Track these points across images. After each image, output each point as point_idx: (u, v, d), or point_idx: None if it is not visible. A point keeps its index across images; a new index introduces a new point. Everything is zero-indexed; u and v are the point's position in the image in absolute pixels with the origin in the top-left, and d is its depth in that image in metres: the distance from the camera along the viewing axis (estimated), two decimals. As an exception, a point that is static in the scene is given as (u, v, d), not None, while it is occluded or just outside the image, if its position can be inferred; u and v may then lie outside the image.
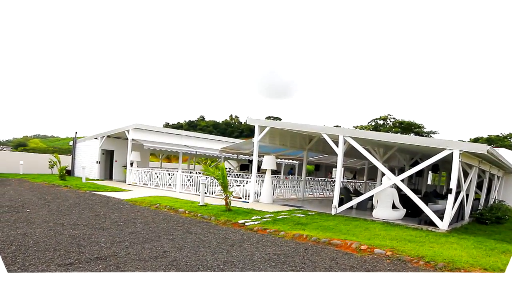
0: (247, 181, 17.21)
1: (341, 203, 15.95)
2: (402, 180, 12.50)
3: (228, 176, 15.85)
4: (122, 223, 10.05)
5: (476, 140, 55.34)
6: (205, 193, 15.80)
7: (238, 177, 19.53)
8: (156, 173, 21.30)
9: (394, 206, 12.71)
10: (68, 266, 6.03)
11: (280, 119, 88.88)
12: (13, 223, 9.13)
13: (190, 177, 19.16)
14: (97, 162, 25.26)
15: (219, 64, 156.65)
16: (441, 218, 11.43)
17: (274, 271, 6.68)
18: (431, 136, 51.22)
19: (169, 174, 20.69)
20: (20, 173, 25.49)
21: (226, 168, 15.49)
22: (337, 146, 13.92)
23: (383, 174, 31.05)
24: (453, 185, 11.30)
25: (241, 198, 16.08)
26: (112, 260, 6.53)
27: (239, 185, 16.59)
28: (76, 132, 27.72)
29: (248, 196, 16.16)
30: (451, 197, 11.29)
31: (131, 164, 22.89)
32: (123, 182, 23.07)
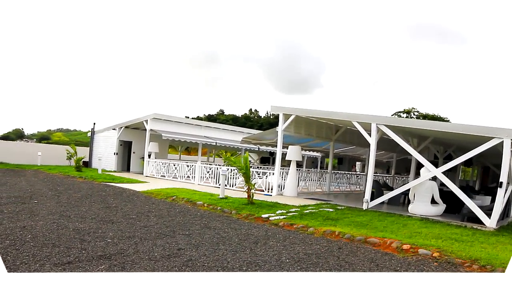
0: (270, 173, 16.19)
1: (371, 197, 14.81)
2: (444, 173, 11.25)
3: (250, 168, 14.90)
4: (134, 216, 9.17)
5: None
6: (225, 185, 14.88)
7: (259, 169, 18.55)
8: (174, 165, 20.50)
9: (433, 201, 11.47)
10: (66, 265, 5.14)
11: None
12: (15, 215, 8.35)
13: (210, 169, 18.26)
14: (114, 153, 24.68)
15: (237, 58, 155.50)
16: (488, 215, 10.16)
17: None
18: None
19: (187, 166, 19.86)
20: (38, 164, 25.15)
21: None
22: (370, 136, 12.74)
23: (417, 167, 29.56)
24: (503, 178, 10.02)
25: (263, 191, 15.07)
26: (117, 259, 5.61)
27: (261, 178, 15.59)
28: (94, 123, 27.23)
29: (271, 189, 15.15)
30: (501, 192, 10.00)
31: (149, 156, 22.17)
32: (141, 174, 22.38)
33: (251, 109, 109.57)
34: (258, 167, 22.65)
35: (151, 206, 10.87)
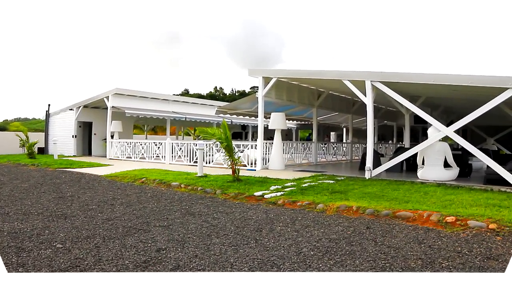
0: (250, 146, 14.37)
1: (362, 165, 13.31)
2: (455, 133, 9.79)
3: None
4: (94, 207, 7.15)
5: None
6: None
7: (239, 141, 16.69)
8: (141, 144, 18.29)
9: (445, 165, 10.04)
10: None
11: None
12: None
13: (182, 146, 16.22)
14: (73, 136, 22.03)
15: (199, 37, 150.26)
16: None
17: (345, 271, 3.96)
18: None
19: (155, 145, 17.72)
20: (-15, 154, 22.17)
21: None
22: (365, 95, 11.12)
23: (399, 133, 28.48)
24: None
25: (246, 166, 13.27)
26: (70, 276, 3.68)
27: (242, 151, 13.75)
28: (49, 105, 24.19)
29: (253, 163, 13.36)
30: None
31: (112, 136, 19.80)
32: (104, 157, 20.02)
33: (216, 87, 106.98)
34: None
35: (116, 192, 8.84)
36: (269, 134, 17.16)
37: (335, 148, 19.14)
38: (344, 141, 30.87)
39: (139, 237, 5.06)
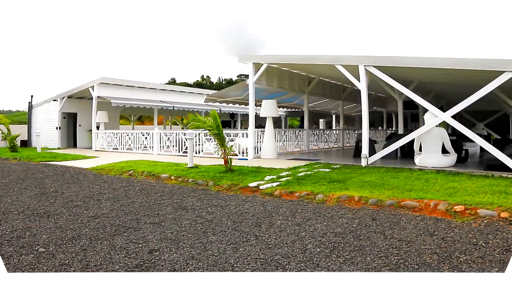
0: (240, 135, 13.97)
1: (357, 153, 13.03)
2: (453, 118, 9.52)
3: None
4: (80, 203, 6.69)
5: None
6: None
7: (229, 130, 16.24)
8: (127, 135, 17.73)
9: (443, 151, 9.79)
10: None
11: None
12: None
13: (171, 136, 15.72)
14: (57, 128, 21.32)
15: (186, 24, 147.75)
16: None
17: (355, 270, 3.63)
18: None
19: (143, 135, 17.18)
20: (-35, 148, 21.33)
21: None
22: (359, 81, 10.77)
23: (388, 119, 28.41)
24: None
25: (237, 155, 12.86)
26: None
27: (233, 140, 13.33)
28: (32, 96, 23.32)
29: (244, 152, 12.96)
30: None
31: (97, 127, 19.17)
32: (89, 148, 19.41)
33: (202, 76, 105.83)
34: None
35: (103, 186, 8.37)
36: (258, 122, 16.76)
37: (326, 135, 18.81)
38: (333, 128, 30.64)
39: (129, 237, 4.65)
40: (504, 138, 16.47)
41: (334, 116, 30.61)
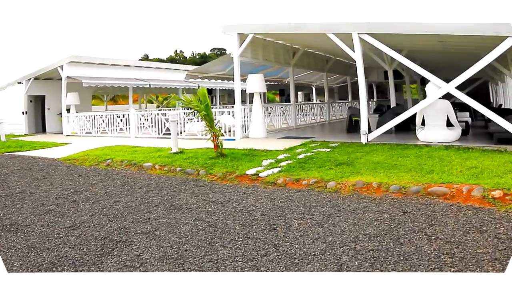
0: (225, 113, 13.00)
1: (351, 128, 12.31)
2: (458, 89, 8.83)
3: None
4: (52, 207, 5.67)
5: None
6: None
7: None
8: (101, 117, 16.42)
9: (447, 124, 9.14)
10: None
11: (224, 51, 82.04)
12: None
13: (149, 116, 14.55)
14: (23, 113, 19.68)
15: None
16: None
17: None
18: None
19: (118, 117, 15.93)
20: None
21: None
22: (353, 50, 9.91)
23: (354, 91, 28.23)
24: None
25: (223, 135, 11.89)
26: None
27: (215, 118, 12.30)
28: (-9, 79, 21.44)
29: (230, 131, 11.99)
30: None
31: (68, 110, 17.71)
32: (60, 133, 17.98)
33: (176, 51, 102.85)
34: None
35: (78, 182, 7.32)
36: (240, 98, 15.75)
37: (313, 109, 17.98)
38: (314, 100, 29.90)
39: (120, 257, 3.73)
40: (502, 109, 16.01)
41: (314, 88, 29.79)
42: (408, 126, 11.18)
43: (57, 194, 6.37)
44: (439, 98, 9.10)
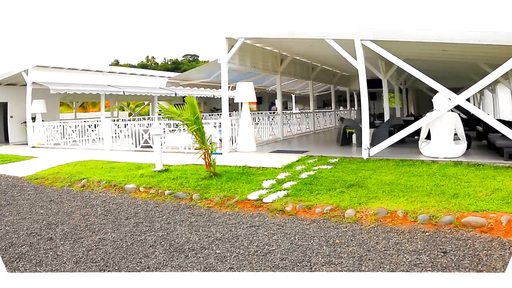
0: (208, 124, 12.14)
1: (344, 140, 11.72)
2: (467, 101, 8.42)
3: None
4: (23, 249, 4.69)
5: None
6: (151, 148, 10.52)
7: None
8: (71, 127, 15.21)
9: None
10: None
11: (197, 58, 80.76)
12: None
13: (125, 127, 13.51)
14: (-17, 121, 18.17)
15: (125, 2, 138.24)
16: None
17: None
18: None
19: (89, 126, 14.78)
20: None
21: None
22: (355, 59, 9.31)
23: (338, 99, 27.80)
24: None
25: (215, 150, 11.01)
26: None
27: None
28: None
29: (218, 145, 11.16)
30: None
31: (33, 119, 16.37)
32: (25, 144, 16.60)
33: (147, 57, 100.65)
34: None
35: (50, 210, 6.31)
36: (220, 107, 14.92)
37: (298, 118, 17.36)
38: (293, 109, 29.45)
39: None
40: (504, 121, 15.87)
41: (293, 97, 29.26)
42: (403, 139, 10.72)
43: (28, 228, 5.38)
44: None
